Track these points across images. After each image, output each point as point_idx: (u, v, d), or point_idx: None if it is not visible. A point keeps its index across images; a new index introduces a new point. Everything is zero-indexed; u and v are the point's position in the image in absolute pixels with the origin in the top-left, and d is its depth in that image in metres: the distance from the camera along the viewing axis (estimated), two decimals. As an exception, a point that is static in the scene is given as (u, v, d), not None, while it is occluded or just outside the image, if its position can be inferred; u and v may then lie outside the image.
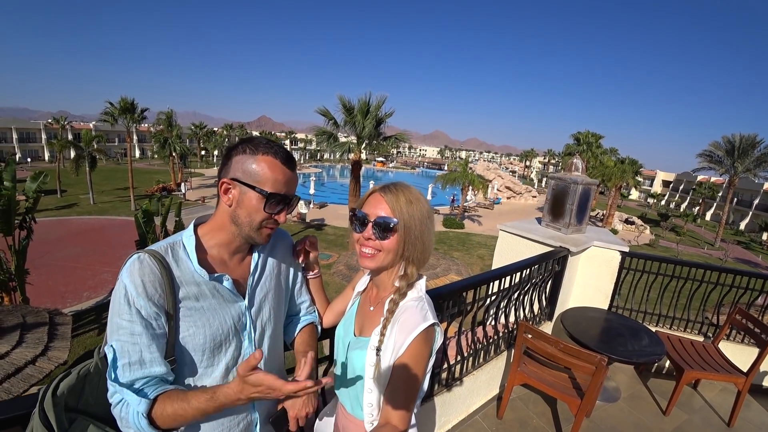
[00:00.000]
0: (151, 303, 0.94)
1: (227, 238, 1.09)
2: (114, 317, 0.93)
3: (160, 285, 0.96)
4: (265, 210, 1.04)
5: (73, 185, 35.23)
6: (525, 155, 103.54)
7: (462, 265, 19.78)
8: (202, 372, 1.05)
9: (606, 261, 3.73)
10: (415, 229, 1.07)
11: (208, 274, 1.04)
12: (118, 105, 30.62)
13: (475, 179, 30.10)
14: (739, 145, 33.29)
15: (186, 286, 1.01)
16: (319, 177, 53.51)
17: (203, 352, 1.03)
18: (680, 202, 61.79)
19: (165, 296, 0.97)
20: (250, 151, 1.02)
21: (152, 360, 0.94)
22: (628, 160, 39.21)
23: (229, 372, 1.09)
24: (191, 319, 1.01)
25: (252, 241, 1.10)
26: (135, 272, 0.93)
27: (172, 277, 0.99)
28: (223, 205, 1.06)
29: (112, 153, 64.01)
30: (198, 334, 1.02)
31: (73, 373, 0.95)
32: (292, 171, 1.06)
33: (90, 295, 14.23)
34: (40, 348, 5.44)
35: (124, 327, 0.92)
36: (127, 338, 0.92)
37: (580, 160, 3.98)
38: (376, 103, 18.39)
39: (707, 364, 3.14)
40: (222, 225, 1.08)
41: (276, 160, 1.02)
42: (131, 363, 0.92)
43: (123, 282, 0.94)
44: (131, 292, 0.92)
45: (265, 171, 1.01)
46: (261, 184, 1.01)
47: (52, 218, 25.15)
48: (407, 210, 1.05)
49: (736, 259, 29.90)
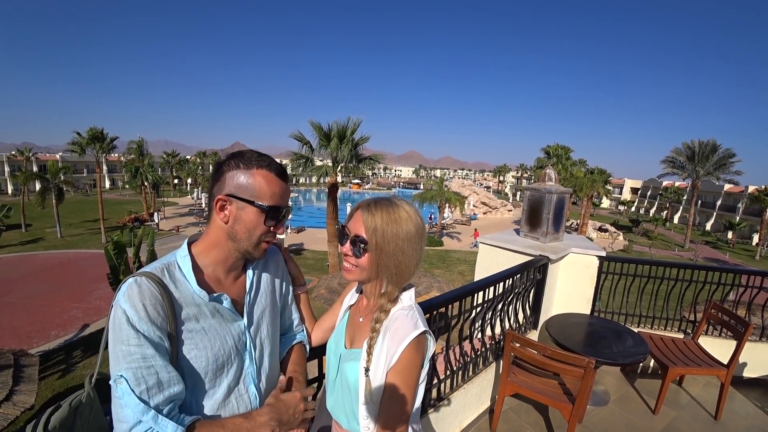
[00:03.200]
0: (154, 327, 0.89)
1: (223, 255, 1.07)
2: (118, 345, 0.86)
3: (161, 307, 0.91)
4: (266, 224, 1.03)
5: (39, 219, 33.75)
6: (498, 170, 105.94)
7: (443, 281, 19.80)
8: (204, 394, 1.01)
9: (585, 266, 3.81)
10: (388, 249, 1.05)
11: (207, 294, 1.01)
12: (86, 134, 29.83)
13: (452, 196, 30.58)
14: (699, 151, 35.16)
15: (186, 308, 0.98)
16: (295, 201, 53.20)
17: (206, 374, 1.00)
18: (649, 208, 64.24)
19: (167, 319, 0.93)
20: (244, 166, 1.00)
21: (170, 380, 0.89)
22: (597, 170, 40.66)
23: (231, 392, 1.05)
24: (193, 342, 0.98)
25: (249, 256, 1.08)
26: (135, 296, 0.88)
27: (172, 298, 0.95)
28: (217, 222, 1.04)
29: (81, 184, 61.97)
30: (201, 357, 0.98)
31: (64, 405, 0.89)
32: (286, 183, 1.06)
33: (58, 334, 13.45)
34: (5, 392, 5.10)
35: (133, 353, 0.86)
36: (140, 363, 0.86)
37: (553, 170, 4.11)
38: (352, 126, 18.59)
39: (690, 359, 3.22)
40: (217, 242, 1.06)
41: (271, 173, 1.02)
42: (149, 388, 0.86)
43: (122, 308, 0.88)
44: (133, 317, 0.87)
45: (262, 185, 1.00)
46: (259, 198, 1.00)
47: (16, 254, 23.88)
48: (381, 230, 1.04)
49: (706, 259, 31.13)
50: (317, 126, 18.59)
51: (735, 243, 41.53)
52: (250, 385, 1.10)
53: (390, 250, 1.05)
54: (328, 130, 18.63)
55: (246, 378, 1.09)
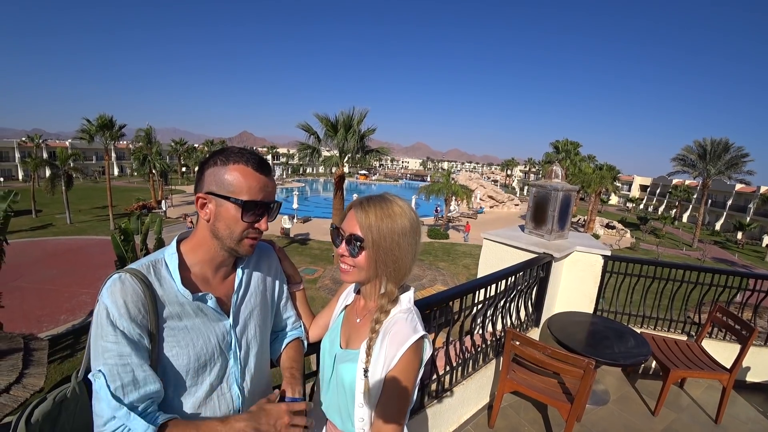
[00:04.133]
0: (134, 324, 0.90)
1: (209, 254, 1.07)
2: (98, 340, 0.88)
3: (143, 305, 0.92)
4: (243, 219, 1.01)
5: (49, 205, 34.18)
6: (506, 164, 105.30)
7: (448, 275, 19.84)
8: (185, 391, 1.01)
9: (589, 265, 3.78)
10: (384, 246, 1.04)
11: (191, 293, 1.01)
12: (95, 122, 30.05)
13: (459, 189, 30.43)
14: (711, 149, 34.60)
15: (169, 306, 0.98)
16: (302, 191, 53.30)
17: (187, 372, 1.00)
18: (658, 206, 63.59)
19: (148, 317, 0.93)
20: (221, 162, 1.00)
21: (146, 378, 0.90)
22: (606, 166, 40.23)
23: (213, 390, 1.05)
24: (174, 340, 0.98)
25: (235, 253, 1.07)
26: (117, 293, 0.90)
27: (155, 296, 0.96)
28: (202, 220, 1.04)
29: (90, 171, 62.49)
30: (182, 355, 0.99)
31: (49, 398, 0.90)
32: (266, 176, 1.03)
33: (67, 319, 13.73)
34: (15, 375, 5.19)
35: (110, 349, 0.87)
36: (116, 360, 0.87)
37: (559, 167, 4.06)
38: (358, 117, 18.52)
39: (692, 362, 3.20)
40: (203, 241, 1.06)
41: (248, 167, 1.00)
42: (124, 385, 0.87)
43: (104, 303, 0.90)
44: (113, 314, 0.89)
45: (239, 180, 0.99)
46: (235, 193, 0.99)
47: (26, 239, 24.29)
48: (377, 226, 1.03)
49: (714, 259, 30.81)
50: (323, 118, 18.57)
51: (744, 244, 41.03)
52: (233, 384, 1.10)
53: (387, 246, 1.04)
54: (335, 121, 18.60)
55: (229, 377, 1.10)
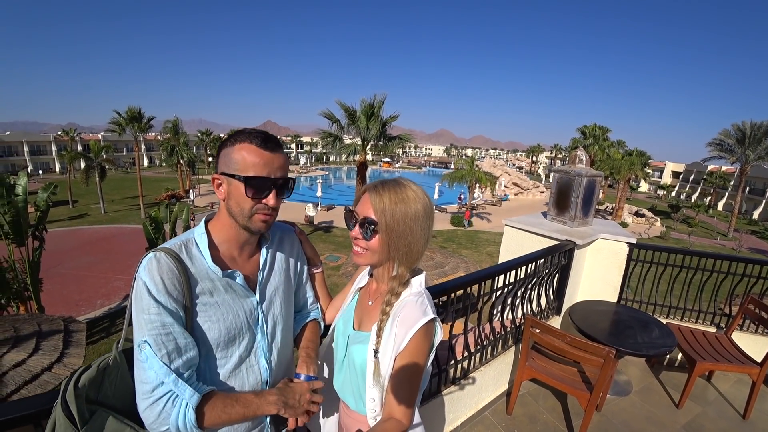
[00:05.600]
0: (171, 299, 0.96)
1: (231, 233, 1.11)
2: (140, 314, 0.94)
3: (178, 281, 0.98)
4: (247, 195, 1.02)
5: (84, 195, 35.76)
6: (531, 151, 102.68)
7: (471, 262, 19.64)
8: (216, 363, 1.08)
9: (613, 253, 3.69)
10: (398, 229, 1.05)
11: (221, 270, 1.06)
12: (125, 114, 31.03)
13: (482, 176, 29.95)
14: (750, 133, 32.74)
15: (201, 282, 1.04)
16: (325, 179, 53.65)
17: (218, 345, 1.06)
18: (691, 193, 60.85)
19: (183, 292, 0.99)
20: (230, 143, 1.03)
21: (187, 345, 0.97)
22: (635, 152, 38.72)
23: (242, 362, 1.11)
24: (206, 314, 1.04)
25: (249, 231, 1.10)
26: (153, 270, 0.96)
27: (188, 273, 1.02)
28: (221, 201, 1.09)
29: (121, 162, 64.82)
30: (213, 329, 1.05)
31: (93, 366, 0.97)
32: (271, 152, 1.03)
33: (103, 303, 14.45)
34: (56, 355, 5.53)
35: (153, 321, 0.94)
36: (160, 330, 0.94)
37: (583, 152, 3.95)
38: (378, 104, 18.40)
39: (720, 355, 3.09)
40: (225, 220, 1.10)
41: (251, 144, 1.02)
42: (169, 352, 0.94)
43: (143, 280, 0.96)
44: (152, 289, 0.95)
45: (243, 157, 1.01)
46: (240, 171, 1.01)
47: (64, 228, 25.55)
48: (390, 210, 1.04)
49: (750, 249, 29.39)
50: (345, 106, 18.54)
51: (785, 233, 38.94)
52: (260, 357, 1.16)
53: (399, 230, 1.05)
54: (354, 109, 18.55)
55: (257, 351, 1.15)
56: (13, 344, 5.41)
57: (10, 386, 4.72)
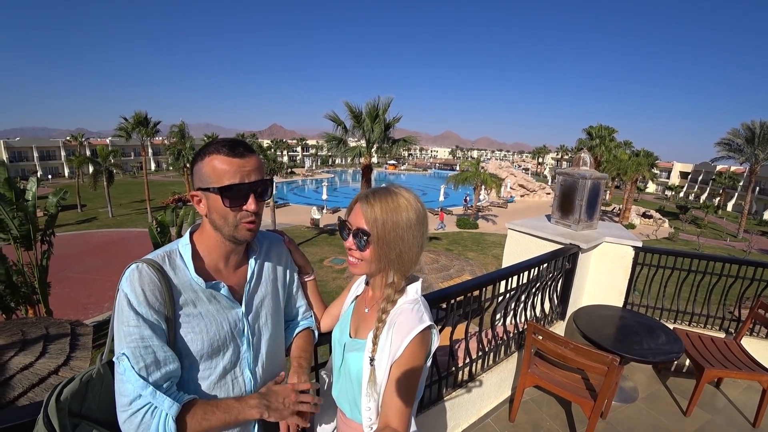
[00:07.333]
0: (152, 310, 0.96)
1: (215, 244, 1.10)
2: (120, 326, 0.94)
3: (159, 293, 0.98)
4: (225, 205, 1.01)
5: (92, 200, 36.19)
6: (537, 152, 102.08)
7: (476, 265, 19.56)
8: (199, 375, 1.07)
9: (619, 257, 3.64)
10: (389, 239, 1.04)
11: (204, 282, 1.06)
12: (131, 119, 31.36)
13: (488, 178, 29.88)
14: (760, 132, 32.34)
15: (184, 293, 1.04)
16: (331, 182, 53.74)
17: (201, 356, 1.05)
18: (700, 194, 60.15)
19: (165, 304, 0.99)
20: (200, 158, 1.02)
21: (166, 358, 0.96)
22: (643, 152, 38.39)
23: (226, 374, 1.10)
24: (189, 326, 1.03)
25: (237, 241, 1.10)
26: (135, 281, 0.96)
27: (171, 284, 1.01)
28: (204, 216, 1.08)
29: (129, 167, 65.45)
30: (196, 340, 1.04)
31: (76, 378, 0.96)
32: (240, 157, 1.01)
33: (110, 307, 14.48)
34: (63, 358, 5.56)
35: (132, 333, 0.93)
36: (138, 342, 0.93)
37: (588, 154, 3.90)
38: (383, 106, 18.42)
39: (729, 361, 3.03)
40: (208, 233, 1.10)
41: (219, 154, 1.00)
42: (147, 365, 0.93)
43: (124, 291, 0.96)
44: (133, 301, 0.94)
45: (214, 168, 1.00)
46: (214, 183, 1.00)
47: (73, 232, 25.85)
48: (382, 220, 1.03)
49: (760, 250, 28.93)
50: (351, 107, 18.58)
51: (797, 234, 38.30)
52: (245, 369, 1.15)
53: (391, 240, 1.05)
54: (360, 111, 18.58)
55: (242, 362, 1.14)
56: (20, 347, 5.46)
57: (17, 389, 4.76)
